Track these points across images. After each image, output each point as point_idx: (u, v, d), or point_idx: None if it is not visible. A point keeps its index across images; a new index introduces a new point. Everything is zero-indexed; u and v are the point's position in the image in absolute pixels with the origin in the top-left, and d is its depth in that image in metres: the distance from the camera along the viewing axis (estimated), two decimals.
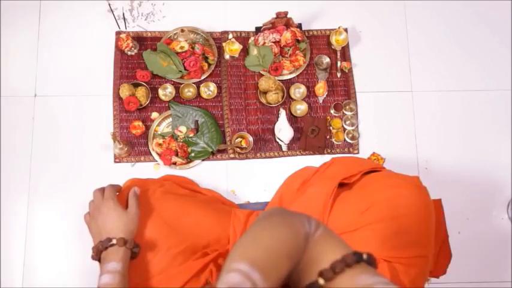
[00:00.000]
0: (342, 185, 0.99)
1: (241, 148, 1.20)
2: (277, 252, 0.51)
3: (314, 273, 0.52)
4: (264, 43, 1.24)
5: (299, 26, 1.30)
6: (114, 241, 0.80)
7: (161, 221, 0.91)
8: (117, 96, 1.23)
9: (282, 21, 1.24)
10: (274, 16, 1.22)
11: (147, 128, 1.22)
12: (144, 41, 1.28)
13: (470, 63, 1.32)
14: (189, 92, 1.25)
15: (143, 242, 0.87)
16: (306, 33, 1.30)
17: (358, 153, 1.25)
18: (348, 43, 1.30)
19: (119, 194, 0.97)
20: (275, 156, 1.24)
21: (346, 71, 1.28)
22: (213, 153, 1.21)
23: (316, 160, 1.23)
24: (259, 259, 0.49)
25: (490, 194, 1.25)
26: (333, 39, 1.27)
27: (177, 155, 1.18)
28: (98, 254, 0.82)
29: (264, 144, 1.24)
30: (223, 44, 1.25)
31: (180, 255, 0.89)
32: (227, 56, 1.27)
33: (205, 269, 0.91)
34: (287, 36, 1.23)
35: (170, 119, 1.22)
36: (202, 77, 1.26)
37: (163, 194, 0.99)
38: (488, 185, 1.25)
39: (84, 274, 1.14)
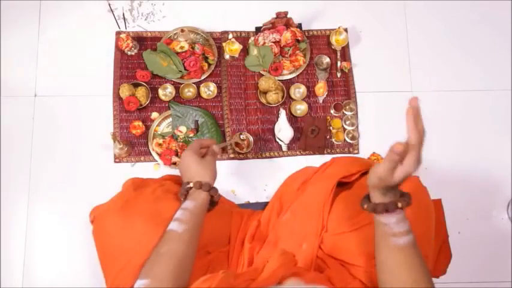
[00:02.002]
0: (341, 185, 0.99)
1: (241, 147, 1.20)
2: None
3: None
4: (264, 43, 1.24)
5: (299, 26, 1.30)
6: (191, 184, 0.86)
7: (162, 220, 0.91)
8: (117, 96, 1.23)
9: (282, 21, 1.24)
10: (274, 16, 1.22)
11: (147, 128, 1.22)
12: (144, 41, 1.28)
13: (470, 63, 1.32)
14: (189, 92, 1.25)
15: (143, 242, 0.87)
16: (306, 33, 1.30)
17: (358, 153, 1.25)
18: (348, 43, 1.30)
19: (120, 192, 0.98)
20: (275, 156, 1.24)
21: (346, 71, 1.28)
22: None
23: (316, 160, 1.23)
24: None
25: (490, 194, 1.25)
26: (333, 39, 1.27)
27: (177, 155, 1.18)
28: (183, 197, 0.87)
29: (264, 144, 1.24)
30: (223, 44, 1.25)
31: None
32: (227, 56, 1.27)
33: (206, 268, 0.91)
34: (287, 36, 1.23)
35: (170, 119, 1.22)
36: (202, 77, 1.26)
37: (163, 193, 0.99)
38: (488, 185, 1.25)
39: (84, 274, 1.14)
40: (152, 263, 0.76)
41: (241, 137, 1.20)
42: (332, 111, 1.27)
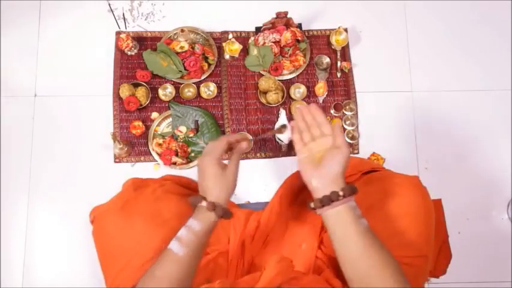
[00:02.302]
0: None
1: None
2: None
3: None
4: (264, 43, 1.24)
5: (299, 26, 1.30)
6: (204, 203, 0.76)
7: (162, 221, 0.91)
8: (117, 96, 1.23)
9: (282, 21, 1.24)
10: (274, 16, 1.22)
11: (147, 128, 1.22)
12: (144, 41, 1.28)
13: (470, 63, 1.32)
14: (189, 92, 1.25)
15: (143, 242, 0.87)
16: (306, 33, 1.30)
17: (358, 153, 1.25)
18: (348, 43, 1.30)
19: (120, 192, 0.98)
20: (275, 156, 1.24)
21: (346, 71, 1.28)
22: None
23: None
24: None
25: (490, 194, 1.25)
26: (333, 39, 1.27)
27: (177, 155, 1.18)
28: (193, 208, 0.78)
29: (264, 144, 1.24)
30: (223, 44, 1.25)
31: None
32: (227, 56, 1.27)
33: (206, 269, 0.91)
34: (287, 36, 1.23)
35: (170, 119, 1.22)
36: (202, 77, 1.26)
37: (163, 194, 0.99)
38: (488, 185, 1.25)
39: (84, 274, 1.14)
40: (146, 285, 0.71)
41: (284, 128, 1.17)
42: (332, 111, 1.26)
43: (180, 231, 0.75)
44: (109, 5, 1.29)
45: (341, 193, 0.70)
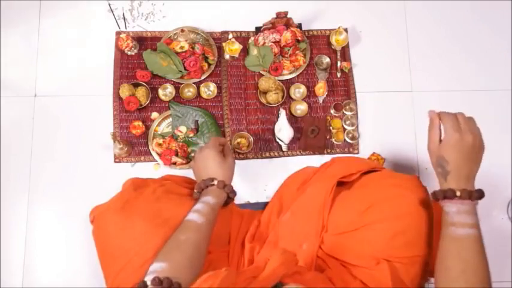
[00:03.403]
0: (341, 185, 0.99)
1: (241, 147, 1.20)
2: None
3: None
4: (264, 43, 1.24)
5: (299, 26, 1.30)
6: (215, 182, 0.88)
7: (162, 220, 0.91)
8: (117, 96, 1.23)
9: (282, 21, 1.24)
10: (274, 16, 1.22)
11: (147, 128, 1.22)
12: (144, 41, 1.28)
13: (470, 63, 1.32)
14: (189, 92, 1.25)
15: (143, 242, 0.87)
16: (306, 33, 1.30)
17: (358, 153, 1.25)
18: (348, 43, 1.30)
19: (120, 192, 0.97)
20: (275, 156, 1.24)
21: (346, 71, 1.28)
22: None
23: (316, 160, 1.23)
24: None
25: (490, 194, 1.24)
26: (333, 39, 1.27)
27: (177, 155, 1.18)
28: (200, 191, 0.89)
29: (264, 144, 1.24)
30: (223, 44, 1.25)
31: None
32: (227, 56, 1.27)
33: (206, 268, 0.91)
34: (287, 36, 1.23)
35: (170, 119, 1.22)
36: (202, 77, 1.26)
37: (164, 193, 0.99)
38: (488, 185, 1.24)
39: (84, 274, 1.14)
40: (170, 249, 0.77)
41: (238, 140, 1.21)
42: (332, 111, 1.27)
43: (197, 205, 0.84)
44: (109, 5, 1.29)
45: (458, 193, 0.72)
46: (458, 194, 0.71)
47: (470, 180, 0.74)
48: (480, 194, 0.73)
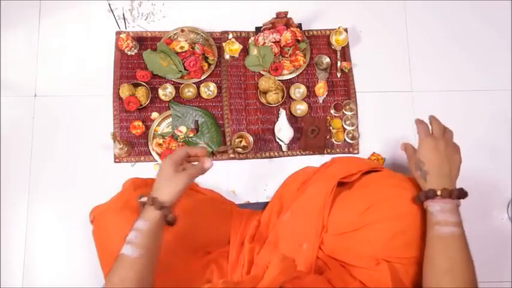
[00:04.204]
0: (341, 185, 0.99)
1: (242, 147, 1.20)
2: None
3: None
4: (264, 43, 1.24)
5: (299, 26, 1.30)
6: (144, 198, 0.77)
7: None
8: (117, 96, 1.23)
9: (282, 21, 1.24)
10: (274, 16, 1.22)
11: (147, 128, 1.22)
12: (144, 41, 1.28)
13: (470, 63, 1.32)
14: (189, 92, 1.25)
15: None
16: (306, 33, 1.30)
17: (358, 153, 1.25)
18: (348, 43, 1.30)
19: (120, 192, 0.97)
20: (275, 156, 1.24)
21: (346, 71, 1.28)
22: (213, 153, 1.21)
23: (316, 160, 1.23)
24: None
25: (490, 194, 1.25)
26: (333, 39, 1.27)
27: None
28: (141, 209, 0.78)
29: (264, 144, 1.24)
30: (223, 44, 1.25)
31: (181, 254, 0.89)
32: (227, 56, 1.27)
33: (206, 268, 0.91)
34: (287, 36, 1.23)
35: (170, 119, 1.22)
36: (202, 77, 1.26)
37: None
38: (488, 185, 1.25)
39: (84, 274, 1.14)
40: None
41: (242, 144, 1.21)
42: (332, 111, 1.26)
43: (129, 234, 0.72)
44: (109, 5, 1.29)
45: (438, 192, 0.75)
46: (438, 193, 0.74)
47: (450, 179, 0.77)
48: (460, 193, 0.75)
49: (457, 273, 0.68)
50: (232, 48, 1.24)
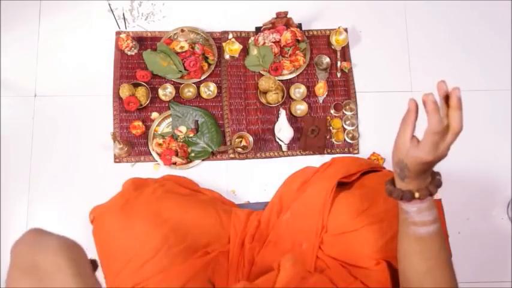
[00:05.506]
0: (341, 185, 0.99)
1: (242, 147, 1.20)
2: None
3: None
4: (264, 43, 1.24)
5: (299, 26, 1.30)
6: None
7: (162, 220, 0.91)
8: (117, 96, 1.23)
9: (282, 21, 1.24)
10: (274, 16, 1.22)
11: (147, 128, 1.22)
12: (144, 41, 1.28)
13: (470, 63, 1.33)
14: (189, 92, 1.25)
15: (143, 242, 0.87)
16: (306, 33, 1.30)
17: (358, 153, 1.25)
18: (348, 43, 1.30)
19: (120, 192, 0.98)
20: (275, 156, 1.24)
21: (346, 71, 1.28)
22: (213, 153, 1.21)
23: (316, 160, 1.23)
24: None
25: (490, 194, 1.25)
26: (333, 39, 1.27)
27: (177, 155, 1.18)
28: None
29: (264, 144, 1.24)
30: (223, 44, 1.25)
31: (181, 254, 0.89)
32: (227, 56, 1.27)
33: (207, 268, 0.91)
34: (287, 36, 1.23)
35: (170, 119, 1.22)
36: (202, 77, 1.26)
37: (164, 193, 0.99)
38: (488, 185, 1.25)
39: None
40: None
41: (242, 144, 1.21)
42: (332, 111, 1.26)
43: None
44: (109, 5, 1.29)
45: (417, 195, 0.63)
46: (416, 195, 0.63)
47: (427, 174, 0.64)
48: (438, 184, 0.64)
49: (437, 273, 0.64)
50: (232, 48, 1.24)
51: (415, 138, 0.63)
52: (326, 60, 1.29)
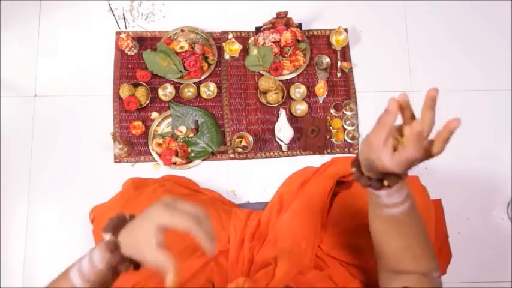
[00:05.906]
0: (341, 184, 0.99)
1: (242, 147, 1.20)
2: None
3: None
4: (264, 43, 1.24)
5: (299, 26, 1.30)
6: (108, 237, 0.57)
7: None
8: (117, 96, 1.23)
9: (282, 21, 1.24)
10: (274, 16, 1.22)
11: (147, 128, 1.22)
12: (144, 41, 1.28)
13: (470, 63, 1.33)
14: (189, 92, 1.25)
15: None
16: (306, 33, 1.30)
17: (358, 153, 1.25)
18: (348, 43, 1.30)
19: (120, 191, 0.98)
20: (275, 156, 1.24)
21: (346, 71, 1.28)
22: (213, 153, 1.21)
23: (316, 160, 1.23)
24: None
25: (490, 194, 1.25)
26: (333, 39, 1.27)
27: (177, 155, 1.18)
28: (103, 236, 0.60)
29: (264, 144, 1.24)
30: (223, 44, 1.25)
31: (181, 253, 0.89)
32: (227, 56, 1.27)
33: (206, 268, 0.91)
34: (287, 36, 1.23)
35: (170, 119, 1.22)
36: (202, 77, 1.26)
37: (164, 193, 0.99)
38: (488, 185, 1.25)
39: None
40: None
41: (242, 144, 1.21)
42: (332, 111, 1.26)
43: (83, 260, 0.56)
44: (109, 5, 1.29)
45: (386, 183, 0.59)
46: (386, 183, 0.58)
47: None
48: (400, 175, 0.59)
49: (415, 248, 0.63)
50: (232, 48, 1.24)
51: (391, 144, 0.57)
52: (326, 60, 1.29)
